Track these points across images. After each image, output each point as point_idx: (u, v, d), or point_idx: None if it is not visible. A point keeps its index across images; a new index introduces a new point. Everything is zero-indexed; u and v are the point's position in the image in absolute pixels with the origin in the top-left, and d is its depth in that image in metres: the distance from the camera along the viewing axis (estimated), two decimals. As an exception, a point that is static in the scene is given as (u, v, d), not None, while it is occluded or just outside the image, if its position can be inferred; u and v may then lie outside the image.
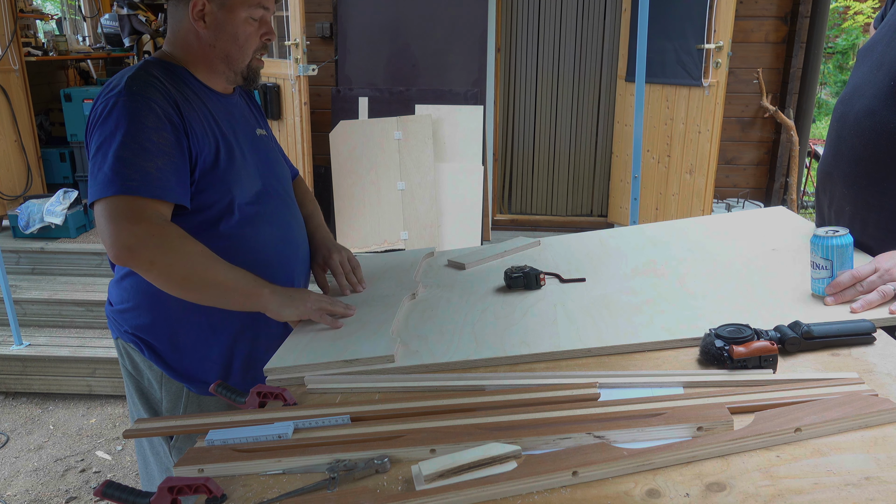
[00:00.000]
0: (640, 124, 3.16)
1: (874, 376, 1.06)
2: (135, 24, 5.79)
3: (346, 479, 0.89)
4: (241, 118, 1.55)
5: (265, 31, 1.45)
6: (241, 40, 1.43)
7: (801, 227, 1.74)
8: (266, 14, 1.44)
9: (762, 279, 1.43)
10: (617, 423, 0.94)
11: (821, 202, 1.60)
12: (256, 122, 1.61)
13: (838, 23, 10.13)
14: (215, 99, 1.49)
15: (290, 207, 1.61)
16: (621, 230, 1.93)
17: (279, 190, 1.58)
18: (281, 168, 1.63)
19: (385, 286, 1.61)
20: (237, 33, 1.42)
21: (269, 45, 1.48)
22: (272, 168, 1.58)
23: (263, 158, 1.56)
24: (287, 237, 1.57)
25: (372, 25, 4.21)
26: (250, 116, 1.60)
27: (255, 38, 1.44)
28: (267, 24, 1.45)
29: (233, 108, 1.53)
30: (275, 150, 1.66)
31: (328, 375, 1.21)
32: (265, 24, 1.45)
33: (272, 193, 1.54)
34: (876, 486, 0.80)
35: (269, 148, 1.61)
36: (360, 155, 4.08)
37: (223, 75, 1.48)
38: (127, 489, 0.91)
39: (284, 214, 1.57)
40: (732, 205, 4.49)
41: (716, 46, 3.78)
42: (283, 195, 1.59)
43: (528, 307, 1.41)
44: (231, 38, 1.43)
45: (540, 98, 4.74)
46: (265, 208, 1.50)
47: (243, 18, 1.41)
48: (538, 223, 4.87)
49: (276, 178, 1.58)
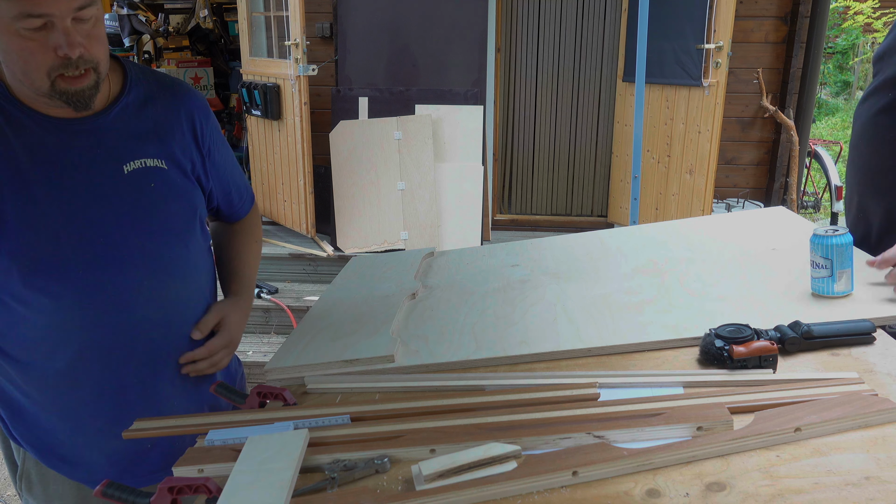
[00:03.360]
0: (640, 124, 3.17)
1: (874, 376, 1.06)
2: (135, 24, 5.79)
3: (346, 479, 0.89)
4: (91, 149, 1.16)
5: (56, 44, 1.04)
6: (22, 59, 1.06)
7: (800, 226, 1.74)
8: (51, 22, 1.03)
9: (762, 279, 1.43)
10: (617, 423, 0.94)
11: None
12: (134, 153, 1.20)
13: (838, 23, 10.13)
14: (39, 127, 1.13)
15: (136, 274, 1.19)
16: (621, 230, 1.93)
17: (113, 252, 1.17)
18: (149, 216, 1.20)
19: (385, 286, 1.61)
20: (11, 50, 1.06)
21: (74, 61, 1.06)
22: (117, 218, 1.17)
23: (100, 205, 1.16)
24: (112, 323, 1.17)
25: (372, 25, 4.21)
26: (130, 142, 1.20)
27: (43, 54, 1.05)
28: (58, 35, 1.04)
29: (76, 136, 1.15)
30: (159, 189, 1.22)
31: (328, 375, 1.21)
32: (55, 34, 1.04)
33: (91, 258, 1.15)
34: (876, 485, 0.80)
35: (137, 189, 1.19)
36: (360, 155, 4.08)
37: (37, 98, 1.12)
38: (127, 489, 0.91)
39: (127, 281, 1.18)
40: (732, 205, 4.49)
41: (716, 46, 3.78)
42: (124, 258, 1.17)
43: (528, 307, 1.41)
44: (10, 56, 1.07)
45: (540, 98, 4.74)
46: (69, 279, 1.13)
47: (13, 31, 1.03)
48: (538, 223, 4.87)
49: (119, 231, 1.17)
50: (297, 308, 3.72)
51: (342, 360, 1.22)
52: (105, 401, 1.22)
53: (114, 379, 1.21)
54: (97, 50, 1.10)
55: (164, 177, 1.22)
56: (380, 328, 1.34)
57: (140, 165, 1.20)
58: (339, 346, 1.28)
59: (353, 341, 1.29)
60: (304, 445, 0.93)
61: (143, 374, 1.24)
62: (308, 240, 4.21)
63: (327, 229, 4.19)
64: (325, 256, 4.02)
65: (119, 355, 1.21)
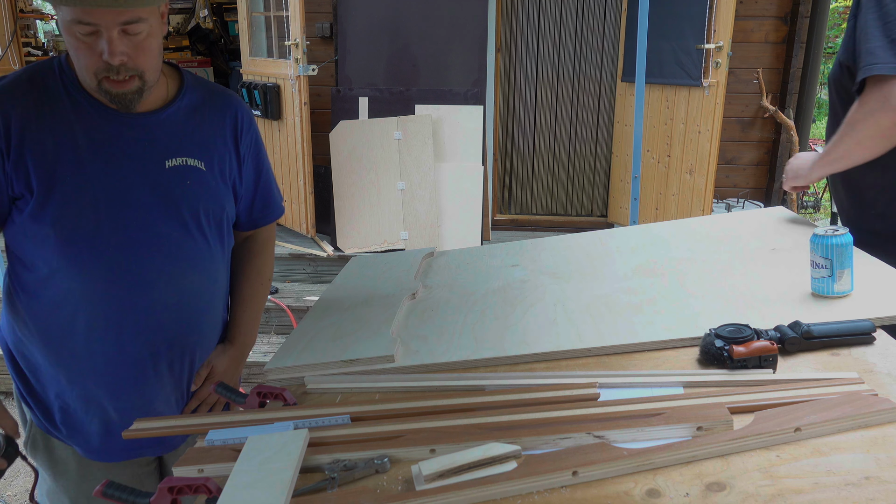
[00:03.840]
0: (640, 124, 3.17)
1: (874, 376, 1.06)
2: (135, 24, 5.78)
3: (346, 479, 0.89)
4: (141, 142, 1.27)
5: (101, 49, 1.15)
6: (77, 57, 1.18)
7: (800, 226, 1.74)
8: (99, 31, 1.14)
9: (762, 279, 1.43)
10: (617, 423, 0.94)
11: None
12: (178, 151, 1.31)
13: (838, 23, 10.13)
14: (99, 115, 1.24)
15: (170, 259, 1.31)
16: (621, 230, 1.93)
17: (142, 235, 1.27)
18: (179, 209, 1.30)
19: (385, 286, 1.61)
20: (71, 47, 1.18)
21: (116, 67, 1.17)
22: (152, 206, 1.27)
23: (140, 192, 1.26)
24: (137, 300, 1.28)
25: (372, 25, 4.21)
26: (175, 141, 1.31)
27: (90, 56, 1.16)
28: (104, 42, 1.15)
29: (130, 129, 1.26)
30: (193, 187, 1.32)
31: (328, 375, 1.21)
32: (102, 41, 1.15)
33: (122, 238, 1.25)
34: (876, 485, 0.80)
35: (175, 183, 1.30)
36: (360, 155, 4.08)
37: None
38: (127, 489, 0.91)
39: (151, 264, 1.29)
40: (732, 205, 4.49)
41: (716, 46, 3.78)
42: (157, 241, 1.28)
43: (528, 307, 1.41)
44: (71, 53, 1.20)
45: (540, 98, 4.74)
46: (106, 252, 1.25)
47: (72, 33, 1.15)
48: (538, 223, 4.87)
49: (150, 218, 1.28)
50: (297, 308, 3.72)
51: (342, 360, 1.22)
52: (109, 373, 1.31)
53: (120, 353, 1.31)
54: (143, 60, 1.20)
55: (201, 176, 1.33)
56: (380, 328, 1.34)
57: (181, 163, 1.31)
58: (339, 346, 1.28)
59: (353, 341, 1.29)
60: (304, 445, 0.93)
61: (144, 354, 1.32)
62: (308, 240, 4.21)
63: (327, 229, 4.19)
64: (325, 256, 4.02)
65: (130, 332, 1.30)
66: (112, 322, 1.28)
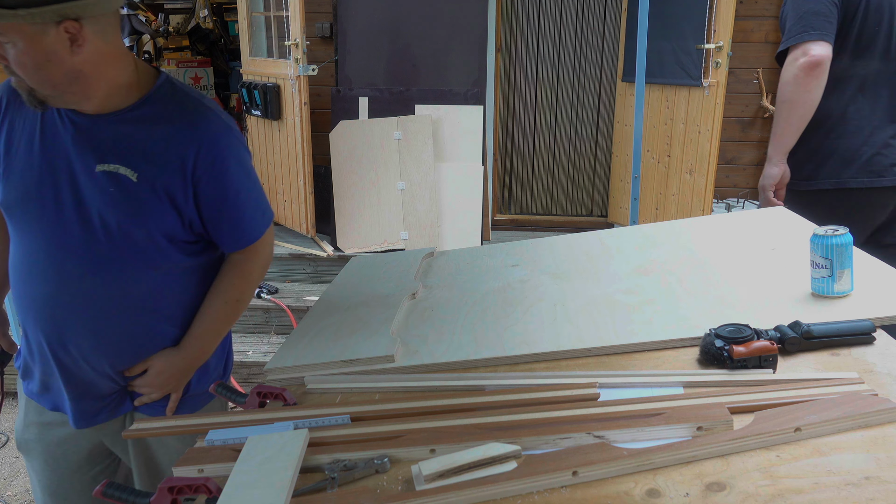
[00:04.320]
0: (640, 124, 3.17)
1: (874, 376, 1.06)
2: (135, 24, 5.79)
3: (346, 479, 0.89)
4: (80, 142, 1.28)
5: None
6: None
7: (800, 227, 1.74)
8: None
9: (762, 279, 1.43)
10: (617, 423, 0.94)
11: None
12: (112, 157, 1.28)
13: (838, 23, 10.10)
14: (58, 112, 1.29)
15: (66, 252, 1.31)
16: (621, 230, 1.93)
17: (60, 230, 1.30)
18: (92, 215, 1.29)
19: (385, 286, 1.61)
20: None
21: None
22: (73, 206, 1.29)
23: (68, 190, 1.29)
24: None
25: (372, 25, 4.21)
26: (114, 146, 1.29)
27: None
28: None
29: (78, 128, 1.28)
30: (115, 196, 1.29)
31: (328, 375, 1.21)
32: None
33: (45, 226, 1.30)
34: (876, 485, 0.80)
35: (97, 188, 1.28)
36: (360, 155, 4.08)
37: None
38: (127, 489, 0.91)
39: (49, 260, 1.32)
40: (732, 205, 4.48)
41: (716, 46, 3.78)
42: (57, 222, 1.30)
43: (528, 307, 1.41)
44: None
45: (540, 98, 4.74)
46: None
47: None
48: (538, 223, 4.87)
49: (68, 216, 1.29)
50: (297, 308, 3.72)
51: (342, 360, 1.22)
52: (54, 337, 1.36)
53: (30, 331, 1.38)
54: (24, 76, 1.19)
55: (127, 186, 1.29)
56: (380, 328, 1.34)
57: (112, 169, 1.28)
58: (339, 346, 1.28)
59: (353, 341, 1.29)
60: (304, 445, 0.93)
61: (41, 339, 1.36)
62: (308, 240, 4.21)
63: (327, 229, 4.19)
64: (325, 256, 4.02)
65: (31, 317, 1.36)
66: (20, 301, 1.37)
